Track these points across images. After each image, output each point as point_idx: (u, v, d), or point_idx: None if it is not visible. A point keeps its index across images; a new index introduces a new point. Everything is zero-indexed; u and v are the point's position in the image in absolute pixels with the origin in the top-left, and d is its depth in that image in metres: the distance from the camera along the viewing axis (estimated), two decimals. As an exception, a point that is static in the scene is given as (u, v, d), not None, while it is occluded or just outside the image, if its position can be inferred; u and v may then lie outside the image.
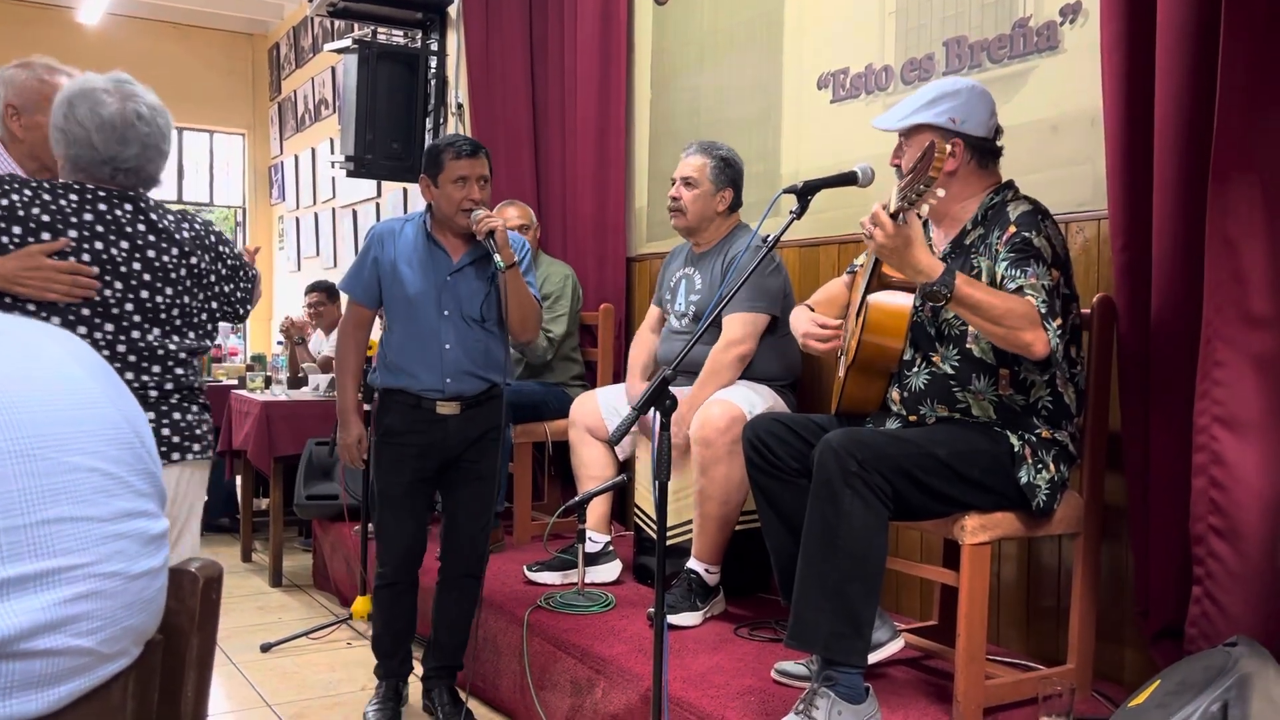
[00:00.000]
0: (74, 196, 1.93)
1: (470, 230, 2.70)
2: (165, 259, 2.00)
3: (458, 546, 2.84)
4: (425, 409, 2.76)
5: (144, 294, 1.97)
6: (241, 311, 2.22)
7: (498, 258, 2.64)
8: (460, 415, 2.78)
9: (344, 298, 2.98)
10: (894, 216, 1.95)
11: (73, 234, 1.90)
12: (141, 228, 1.98)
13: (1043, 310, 1.99)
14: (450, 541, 2.85)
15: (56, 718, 0.71)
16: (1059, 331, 2.00)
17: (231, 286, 2.17)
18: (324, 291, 5.58)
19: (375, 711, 2.84)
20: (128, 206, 1.97)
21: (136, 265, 1.96)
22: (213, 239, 2.12)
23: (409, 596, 2.89)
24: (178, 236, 2.02)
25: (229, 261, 2.15)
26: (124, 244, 1.95)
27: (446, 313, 2.75)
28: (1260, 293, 1.84)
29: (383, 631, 2.89)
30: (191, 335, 2.07)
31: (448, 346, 2.75)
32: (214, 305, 2.13)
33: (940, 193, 1.90)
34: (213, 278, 2.10)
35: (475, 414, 2.79)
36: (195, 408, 2.11)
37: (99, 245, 1.92)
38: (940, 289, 1.95)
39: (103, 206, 1.95)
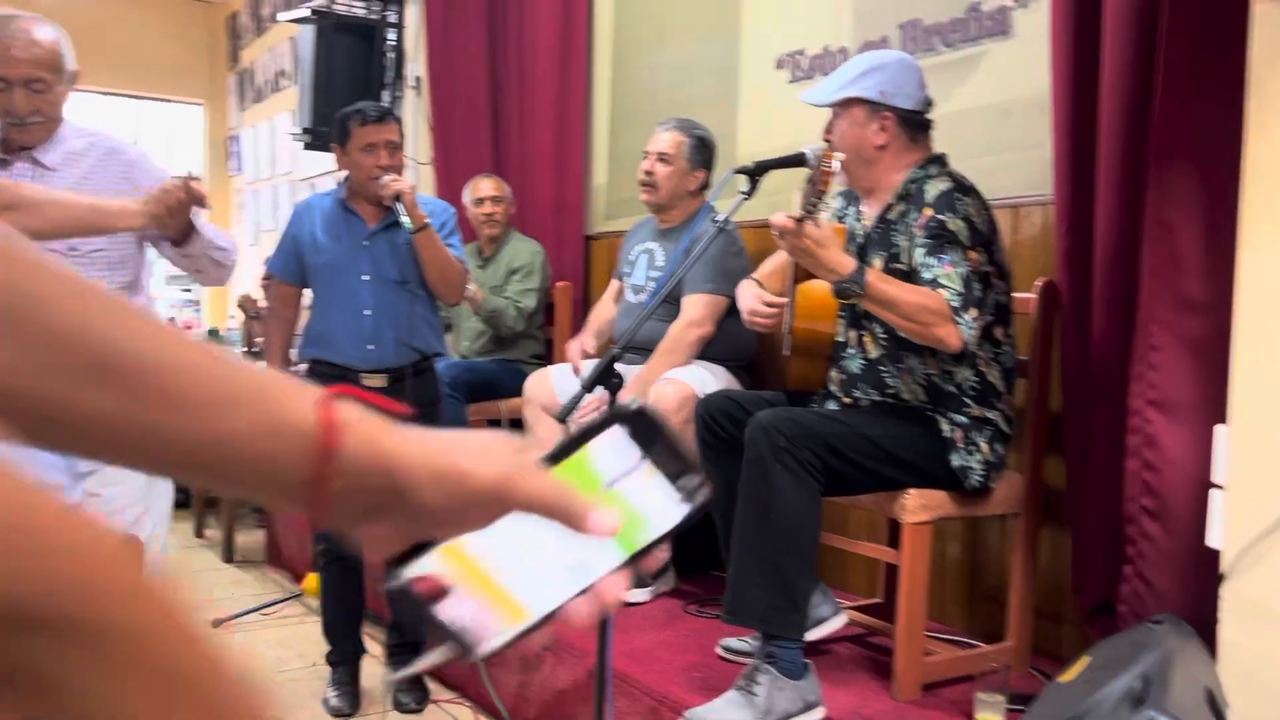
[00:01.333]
0: None
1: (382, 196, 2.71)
2: None
3: None
4: (350, 381, 2.74)
5: None
6: None
7: (405, 220, 2.64)
8: (388, 389, 2.76)
9: None
10: (798, 222, 1.98)
11: None
12: None
13: (955, 304, 2.01)
14: None
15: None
16: (972, 323, 2.02)
17: None
18: None
19: (336, 696, 2.83)
20: None
21: None
22: None
23: (356, 574, 2.89)
24: None
25: None
26: None
27: (365, 277, 2.76)
28: (1195, 277, 1.87)
29: (334, 613, 2.88)
30: None
31: (367, 312, 2.75)
32: None
33: (835, 203, 2.01)
34: None
35: (404, 388, 2.76)
36: None
37: None
38: (851, 287, 1.98)
39: None
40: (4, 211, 1.78)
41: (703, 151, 3.11)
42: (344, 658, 2.89)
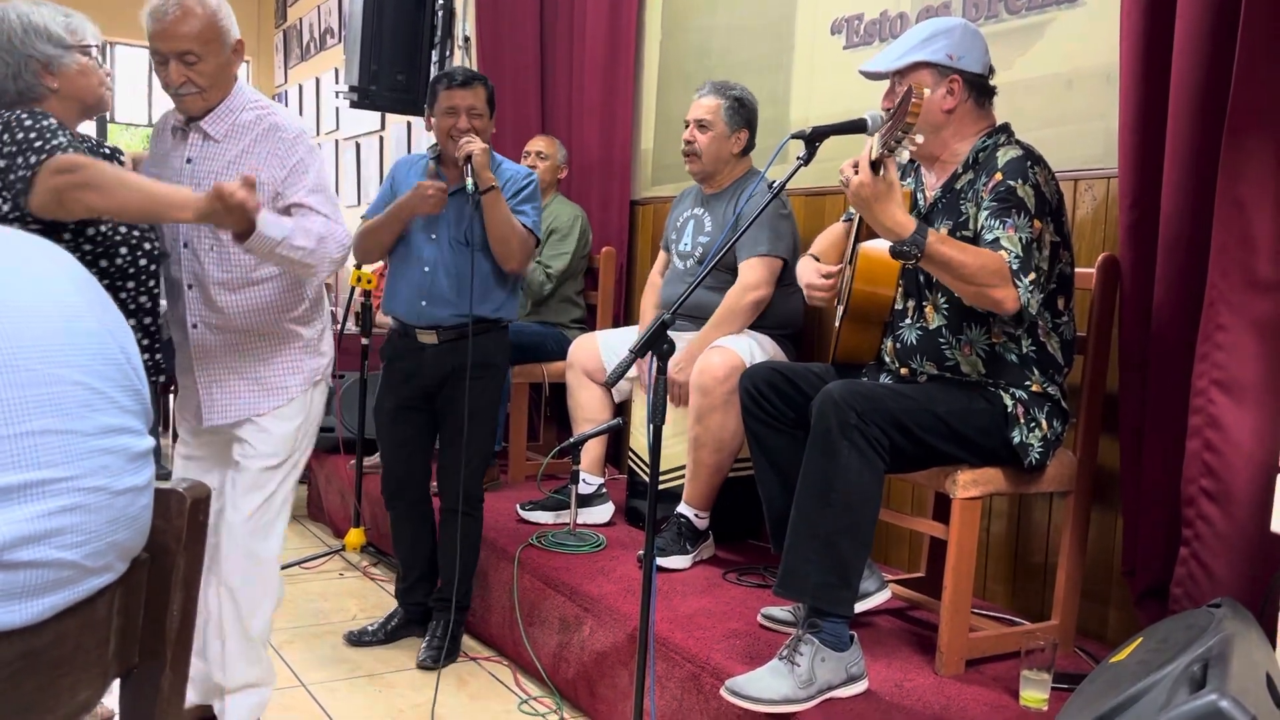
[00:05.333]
0: None
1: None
2: None
3: (441, 481, 2.90)
4: (410, 336, 2.86)
5: None
6: (15, 210, 1.95)
7: (469, 181, 2.66)
8: (438, 345, 2.83)
9: None
10: (875, 165, 1.92)
11: None
12: None
13: (1014, 266, 1.97)
14: (439, 476, 2.91)
15: (41, 629, 0.71)
16: (1031, 287, 1.98)
17: (10, 178, 1.94)
18: None
19: (375, 625, 3.03)
20: None
21: None
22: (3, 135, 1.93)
23: (408, 524, 2.98)
24: None
25: (5, 149, 1.93)
26: None
27: (434, 236, 2.82)
28: (1267, 257, 1.82)
29: (394, 554, 3.01)
30: None
31: (426, 269, 2.81)
32: (6, 207, 1.95)
33: (919, 138, 1.86)
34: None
35: (456, 346, 2.80)
36: None
37: None
38: (910, 249, 1.93)
39: None
40: (82, 189, 1.88)
41: (741, 111, 3.05)
42: (396, 594, 3.04)
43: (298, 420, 2.30)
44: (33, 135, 1.92)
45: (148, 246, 2.16)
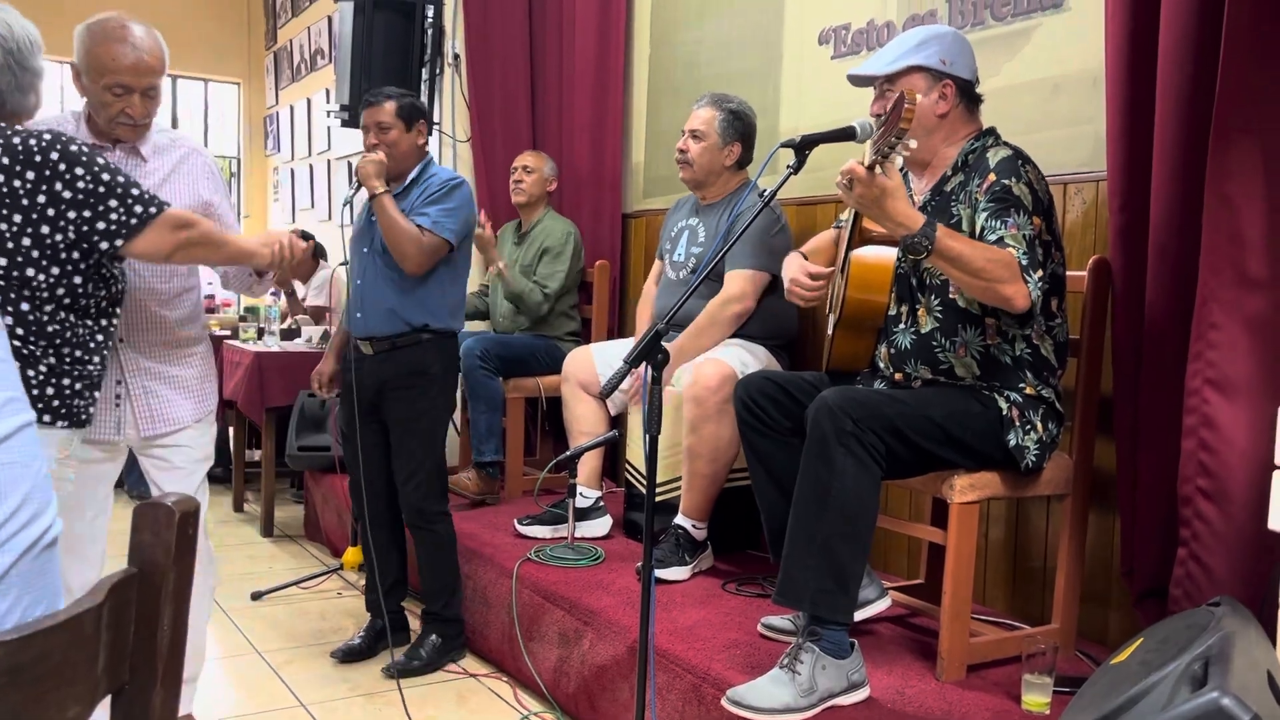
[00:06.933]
0: None
1: (393, 174, 2.89)
2: None
3: (398, 494, 2.95)
4: (356, 347, 2.95)
5: None
6: (104, 245, 1.94)
7: (352, 191, 2.85)
8: (374, 356, 2.91)
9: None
10: (869, 169, 1.92)
11: None
12: None
13: (1023, 262, 1.97)
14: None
15: (25, 645, 0.71)
16: (1040, 283, 1.98)
17: (85, 214, 1.91)
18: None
19: (349, 641, 3.07)
20: None
21: None
22: (54, 158, 1.87)
23: (378, 533, 3.01)
24: None
25: (81, 185, 1.90)
26: None
27: (365, 249, 2.93)
28: (1258, 255, 1.83)
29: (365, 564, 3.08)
30: (2, 262, 1.87)
31: (359, 281, 2.91)
32: (45, 231, 1.88)
33: (913, 143, 1.87)
34: (41, 199, 1.87)
35: (392, 357, 2.88)
36: (36, 370, 1.93)
37: None
38: (921, 240, 1.92)
39: None
40: (198, 245, 2.08)
41: (736, 124, 3.07)
42: (368, 606, 3.10)
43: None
44: (119, 177, 1.96)
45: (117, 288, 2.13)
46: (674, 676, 2.22)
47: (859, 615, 2.14)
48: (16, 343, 1.92)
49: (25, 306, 1.93)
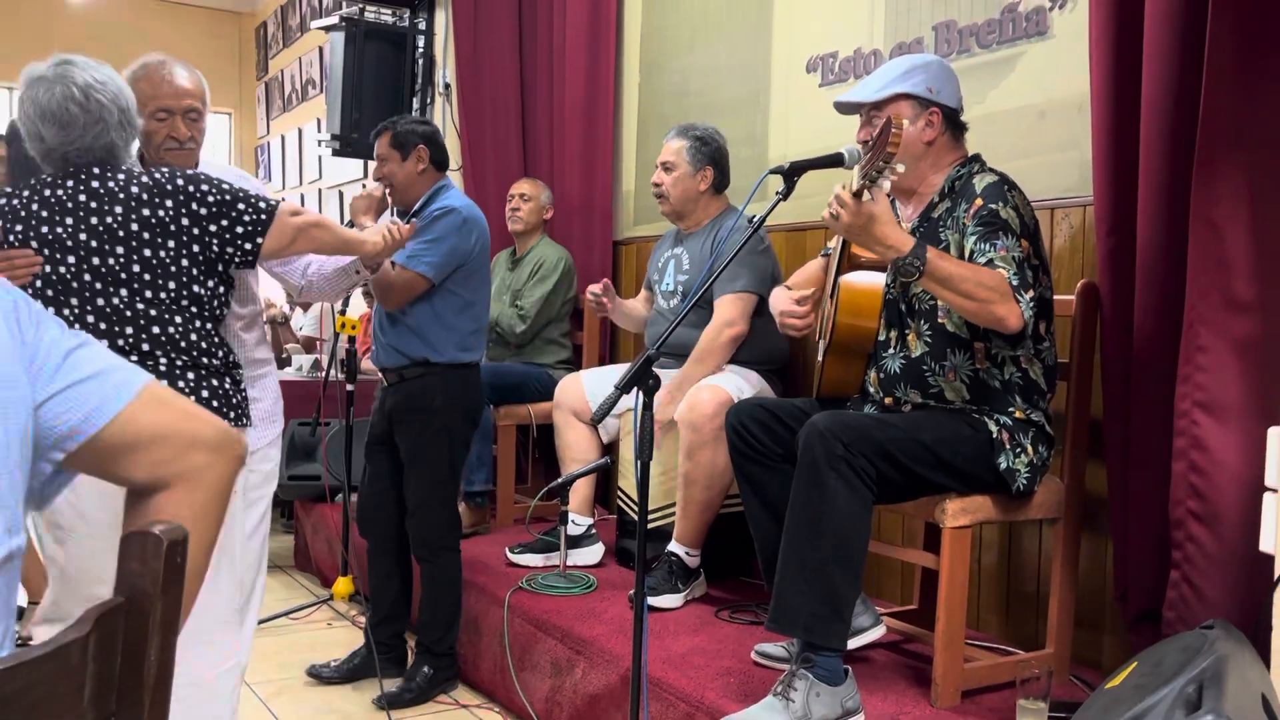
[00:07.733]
0: (26, 192, 2.02)
1: (400, 204, 2.94)
2: (109, 220, 1.99)
3: (408, 522, 2.96)
4: (382, 378, 3.03)
5: (95, 260, 1.99)
6: (248, 246, 2.09)
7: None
8: (389, 388, 2.96)
9: None
10: (857, 195, 1.94)
11: (19, 227, 1.99)
12: (83, 198, 1.99)
13: (1014, 282, 1.98)
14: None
15: (12, 675, 0.70)
16: (1031, 304, 1.99)
17: (224, 224, 2.07)
18: None
19: (339, 662, 3.08)
20: (69, 183, 2.00)
21: (83, 235, 1.98)
22: (180, 183, 2.05)
23: (378, 559, 3.02)
24: (122, 195, 2.00)
25: (211, 199, 2.06)
26: (68, 220, 1.98)
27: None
28: (1244, 277, 1.84)
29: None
30: (172, 286, 2.02)
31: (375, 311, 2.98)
32: (196, 249, 2.04)
33: (900, 168, 1.88)
34: (185, 221, 2.03)
35: (400, 388, 2.91)
36: (195, 374, 2.03)
37: (44, 229, 1.99)
38: (912, 262, 1.93)
39: (46, 192, 2.01)
40: (317, 226, 2.20)
41: (704, 150, 3.10)
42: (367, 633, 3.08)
43: None
44: (228, 184, 2.11)
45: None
46: (667, 705, 2.21)
47: (853, 643, 2.13)
48: (204, 358, 2.05)
49: (210, 325, 2.08)
